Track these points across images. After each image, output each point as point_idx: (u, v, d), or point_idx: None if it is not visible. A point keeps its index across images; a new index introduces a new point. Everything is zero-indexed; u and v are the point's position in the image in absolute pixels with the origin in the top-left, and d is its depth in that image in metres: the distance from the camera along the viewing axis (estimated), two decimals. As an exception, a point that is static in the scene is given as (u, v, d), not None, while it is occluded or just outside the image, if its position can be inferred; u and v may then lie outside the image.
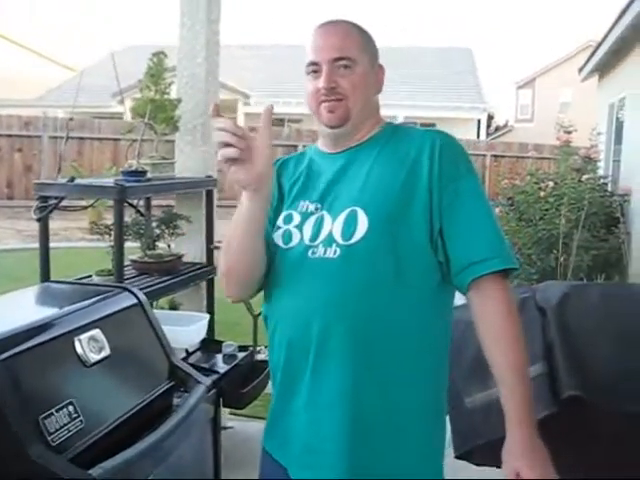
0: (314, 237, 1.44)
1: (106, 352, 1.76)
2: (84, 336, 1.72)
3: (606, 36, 7.79)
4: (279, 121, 20.92)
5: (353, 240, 1.39)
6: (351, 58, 1.48)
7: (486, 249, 1.39)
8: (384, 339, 1.37)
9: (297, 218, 1.49)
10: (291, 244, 1.47)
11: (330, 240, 1.42)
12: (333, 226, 1.43)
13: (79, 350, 1.68)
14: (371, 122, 1.54)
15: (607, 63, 8.81)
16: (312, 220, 1.47)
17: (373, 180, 1.44)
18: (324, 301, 1.38)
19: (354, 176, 1.47)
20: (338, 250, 1.40)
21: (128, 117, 3.30)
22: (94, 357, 1.71)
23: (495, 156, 16.59)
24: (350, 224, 1.41)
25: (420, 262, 1.40)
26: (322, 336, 1.37)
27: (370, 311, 1.36)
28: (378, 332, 1.36)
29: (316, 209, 1.48)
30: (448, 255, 1.41)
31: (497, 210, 7.03)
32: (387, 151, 1.48)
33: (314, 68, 1.49)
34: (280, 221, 1.51)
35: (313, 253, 1.42)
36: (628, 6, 6.30)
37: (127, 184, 2.71)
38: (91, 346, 1.72)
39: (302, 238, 1.46)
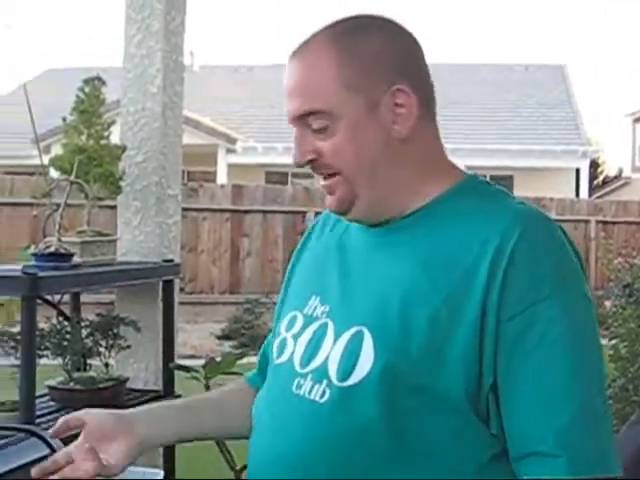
0: (306, 360, 1.43)
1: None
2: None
3: None
4: (280, 176, 21.14)
5: (350, 381, 1.35)
6: (322, 111, 1.39)
7: (551, 436, 1.27)
8: None
9: (299, 322, 1.50)
10: (280, 360, 1.50)
11: (322, 373, 1.39)
12: (332, 350, 1.39)
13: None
14: (419, 189, 1.43)
15: None
16: (311, 331, 1.45)
17: (402, 285, 1.37)
18: (292, 463, 1.37)
19: (383, 270, 1.42)
20: (328, 392, 1.37)
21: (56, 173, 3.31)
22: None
23: (603, 222, 16.60)
24: (351, 353, 1.36)
25: (452, 430, 1.32)
26: None
27: None
28: None
29: (322, 313, 1.46)
30: (504, 427, 1.33)
31: (608, 304, 6.96)
32: (430, 242, 1.39)
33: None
34: (284, 325, 1.54)
35: (298, 386, 1.42)
36: None
37: (41, 273, 2.71)
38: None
39: (292, 356, 1.46)
